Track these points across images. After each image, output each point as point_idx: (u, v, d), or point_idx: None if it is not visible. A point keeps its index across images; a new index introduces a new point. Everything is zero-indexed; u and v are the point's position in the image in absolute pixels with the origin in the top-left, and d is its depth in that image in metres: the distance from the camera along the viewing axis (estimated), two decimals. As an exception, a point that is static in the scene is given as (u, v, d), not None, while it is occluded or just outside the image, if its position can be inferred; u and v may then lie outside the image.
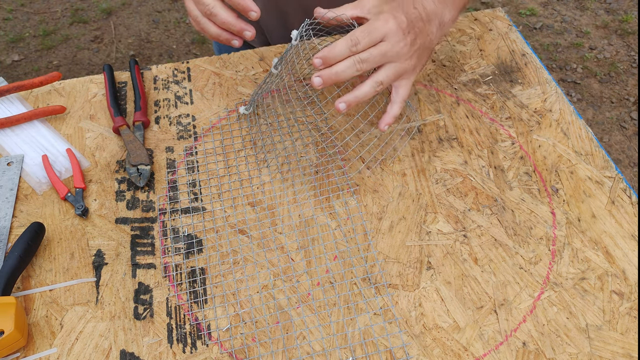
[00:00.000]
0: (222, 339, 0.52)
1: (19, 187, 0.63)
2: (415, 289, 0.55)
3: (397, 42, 0.54)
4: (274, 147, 0.66)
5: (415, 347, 0.51)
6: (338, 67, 0.53)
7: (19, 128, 0.69)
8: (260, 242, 0.58)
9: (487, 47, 0.78)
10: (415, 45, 0.56)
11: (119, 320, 0.53)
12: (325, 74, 0.54)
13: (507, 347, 0.51)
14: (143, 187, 0.63)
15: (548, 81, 0.74)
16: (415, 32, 0.56)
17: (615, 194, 0.62)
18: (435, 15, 0.58)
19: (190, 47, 2.19)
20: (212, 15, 0.56)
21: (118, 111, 0.68)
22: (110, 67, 0.74)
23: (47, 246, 0.58)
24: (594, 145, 0.66)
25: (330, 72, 0.54)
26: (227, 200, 0.62)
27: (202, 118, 0.70)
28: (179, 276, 0.56)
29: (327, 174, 0.64)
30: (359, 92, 0.55)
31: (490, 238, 0.58)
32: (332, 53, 0.53)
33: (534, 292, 0.55)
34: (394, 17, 0.54)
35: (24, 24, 2.26)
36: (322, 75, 0.53)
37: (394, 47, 0.54)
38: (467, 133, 0.68)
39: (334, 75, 0.54)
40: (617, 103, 1.97)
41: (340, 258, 0.57)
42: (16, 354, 0.51)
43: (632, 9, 2.30)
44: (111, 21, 2.29)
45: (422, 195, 0.62)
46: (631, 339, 0.52)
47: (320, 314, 0.53)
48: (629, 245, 0.58)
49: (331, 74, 0.54)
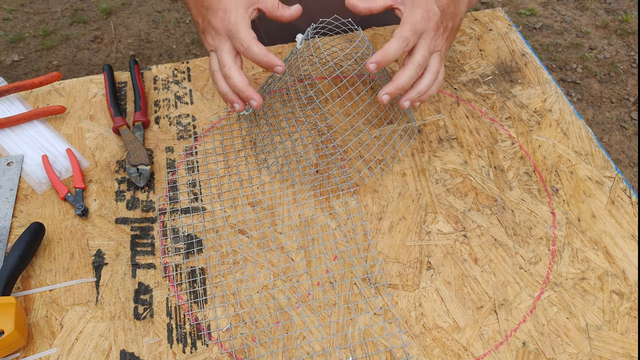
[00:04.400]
0: (222, 339, 0.52)
1: (19, 187, 0.63)
2: (415, 289, 0.55)
3: (434, 36, 0.57)
4: (274, 147, 0.66)
5: (415, 347, 0.51)
6: (402, 81, 0.56)
7: (19, 128, 0.69)
8: (260, 242, 0.58)
9: (487, 47, 0.78)
10: (447, 31, 0.60)
11: (119, 320, 0.53)
12: (393, 90, 0.56)
13: (507, 347, 0.51)
14: (143, 187, 0.63)
15: (548, 81, 0.74)
16: (447, 18, 0.59)
17: (615, 194, 0.62)
18: None
19: (190, 47, 2.19)
20: (226, 77, 0.59)
21: (118, 111, 0.68)
22: (110, 67, 0.74)
23: (47, 246, 0.58)
24: (594, 145, 0.66)
25: (397, 87, 0.56)
26: (227, 200, 0.62)
27: (202, 118, 0.70)
28: (179, 276, 0.56)
29: (327, 174, 0.64)
30: (421, 87, 0.58)
31: (490, 238, 0.58)
32: (386, 56, 0.55)
33: (534, 292, 0.55)
34: (428, 10, 0.56)
35: (24, 24, 2.26)
36: (390, 92, 0.56)
37: (432, 41, 0.57)
38: (467, 133, 0.68)
39: (400, 90, 0.56)
40: (617, 103, 1.97)
41: (340, 258, 0.57)
42: (16, 354, 0.51)
43: (632, 9, 2.30)
44: (111, 21, 2.29)
45: (422, 195, 0.62)
46: (631, 339, 0.52)
47: (320, 314, 0.53)
48: (629, 245, 0.58)
49: (397, 88, 0.56)
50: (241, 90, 0.58)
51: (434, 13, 0.56)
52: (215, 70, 0.60)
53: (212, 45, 0.61)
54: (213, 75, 0.61)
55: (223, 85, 0.60)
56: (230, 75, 0.58)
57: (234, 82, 0.58)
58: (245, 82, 0.58)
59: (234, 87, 0.58)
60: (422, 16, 0.56)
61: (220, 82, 0.60)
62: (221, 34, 0.59)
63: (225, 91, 0.60)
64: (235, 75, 0.58)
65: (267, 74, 0.74)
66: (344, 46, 0.74)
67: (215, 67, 0.60)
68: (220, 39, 0.59)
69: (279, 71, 0.57)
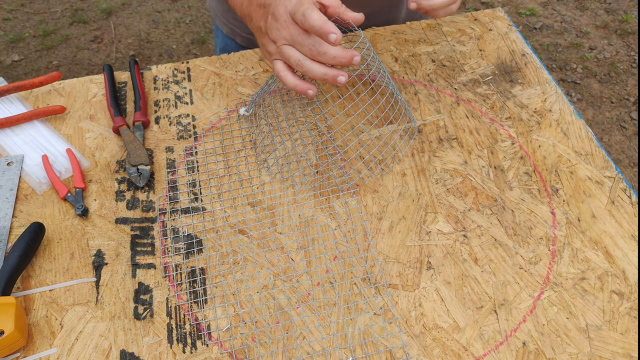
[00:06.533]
0: (222, 339, 0.52)
1: (19, 187, 0.63)
2: (415, 289, 0.55)
3: None
4: (274, 147, 0.66)
5: (415, 347, 0.51)
6: None
7: (19, 128, 0.69)
8: (260, 242, 0.58)
9: (487, 47, 0.78)
10: None
11: (119, 320, 0.53)
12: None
13: (507, 347, 0.51)
14: (143, 187, 0.63)
15: (548, 81, 0.74)
16: None
17: (615, 194, 0.62)
18: None
19: (190, 47, 2.19)
20: (319, 54, 0.53)
21: (118, 111, 0.68)
22: (110, 67, 0.74)
23: (47, 246, 0.58)
24: (594, 145, 0.67)
25: None
26: (227, 200, 0.62)
27: (202, 118, 0.70)
28: (179, 276, 0.56)
29: (327, 174, 0.64)
30: None
31: (490, 238, 0.59)
32: None
33: (534, 292, 0.55)
34: None
35: (24, 24, 2.26)
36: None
37: None
38: (467, 133, 0.68)
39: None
40: (617, 103, 1.97)
41: (340, 258, 0.57)
42: (16, 354, 0.51)
43: (632, 9, 2.30)
44: (111, 21, 2.29)
45: (422, 195, 0.62)
46: (631, 339, 0.52)
47: (320, 314, 0.53)
48: (629, 245, 0.58)
49: None
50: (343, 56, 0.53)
51: None
52: (299, 58, 0.55)
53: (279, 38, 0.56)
54: (300, 63, 0.55)
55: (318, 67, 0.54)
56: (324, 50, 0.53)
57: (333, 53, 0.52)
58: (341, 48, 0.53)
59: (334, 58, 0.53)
60: None
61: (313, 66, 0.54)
62: (286, 20, 0.55)
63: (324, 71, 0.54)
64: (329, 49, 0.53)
65: (267, 74, 0.74)
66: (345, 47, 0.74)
67: (298, 55, 0.55)
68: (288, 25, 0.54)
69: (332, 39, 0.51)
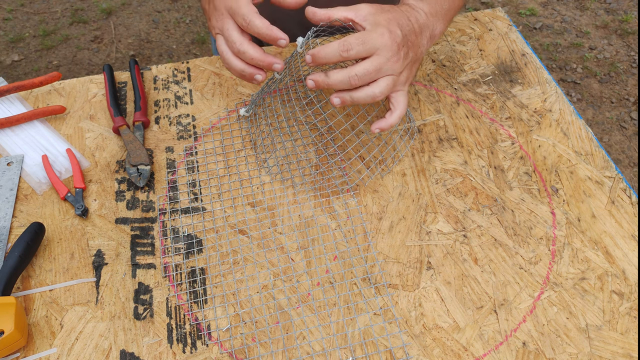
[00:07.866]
0: (222, 339, 0.52)
1: (19, 187, 0.63)
2: (415, 289, 0.55)
3: (391, 57, 0.54)
4: (274, 147, 0.66)
5: (415, 347, 0.51)
6: (333, 79, 0.55)
7: (19, 128, 0.69)
8: (260, 242, 0.58)
9: (487, 47, 0.78)
10: (407, 59, 0.56)
11: (119, 320, 0.53)
12: (320, 81, 0.56)
13: (507, 347, 0.51)
14: (143, 187, 0.63)
15: (548, 81, 0.74)
16: (408, 45, 0.56)
17: (615, 194, 0.62)
18: (427, 28, 0.59)
19: (190, 47, 2.19)
20: (240, 53, 0.57)
21: (118, 111, 0.68)
22: (110, 67, 0.74)
23: (47, 246, 0.58)
24: (594, 145, 0.67)
25: (325, 80, 0.55)
26: (227, 201, 0.62)
27: (202, 118, 0.70)
28: (179, 276, 0.56)
29: (327, 175, 0.64)
30: (356, 96, 0.56)
31: (490, 238, 0.59)
32: (322, 52, 0.54)
33: (534, 292, 0.55)
34: (390, 31, 0.54)
35: (24, 24, 2.26)
36: (316, 80, 0.56)
37: (388, 61, 0.54)
38: (467, 133, 0.68)
39: (326, 85, 0.56)
40: (617, 103, 1.97)
41: (340, 258, 0.57)
42: (16, 354, 0.51)
43: (632, 9, 2.30)
44: (111, 21, 2.29)
45: (422, 195, 0.62)
46: (631, 339, 0.52)
47: (320, 314, 0.53)
48: (629, 245, 0.58)
49: (325, 82, 0.55)
50: (260, 59, 0.56)
51: (397, 35, 0.54)
52: (224, 51, 0.59)
53: (216, 27, 0.59)
54: (223, 56, 0.59)
55: (237, 63, 0.58)
56: (244, 50, 0.56)
57: (250, 55, 0.56)
58: (261, 51, 0.56)
59: (251, 60, 0.57)
60: (380, 33, 0.53)
61: (233, 60, 0.58)
62: (223, 14, 0.58)
63: (241, 68, 0.58)
64: (248, 49, 0.56)
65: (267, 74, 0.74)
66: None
67: (224, 48, 0.59)
68: (224, 19, 0.58)
69: (282, 45, 0.55)
